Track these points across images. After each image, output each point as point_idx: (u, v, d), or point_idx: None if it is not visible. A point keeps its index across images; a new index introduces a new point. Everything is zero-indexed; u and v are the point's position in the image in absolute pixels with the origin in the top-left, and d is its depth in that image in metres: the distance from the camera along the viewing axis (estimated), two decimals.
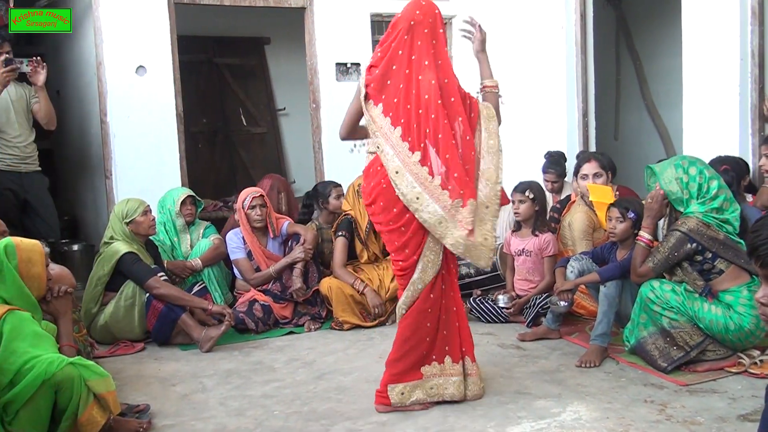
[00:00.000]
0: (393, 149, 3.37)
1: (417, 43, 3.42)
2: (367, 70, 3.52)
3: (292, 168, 9.27)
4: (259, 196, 5.35)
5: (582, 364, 4.04)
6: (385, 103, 3.42)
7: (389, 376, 3.52)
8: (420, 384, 3.52)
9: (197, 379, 4.15)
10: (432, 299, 3.50)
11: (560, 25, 6.59)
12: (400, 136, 3.37)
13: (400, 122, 3.37)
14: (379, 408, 3.53)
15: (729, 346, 3.83)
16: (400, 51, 3.42)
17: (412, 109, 3.37)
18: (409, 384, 3.51)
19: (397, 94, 3.40)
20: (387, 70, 3.44)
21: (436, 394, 3.54)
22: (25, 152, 5.55)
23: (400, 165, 3.35)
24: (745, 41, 5.06)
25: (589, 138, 6.65)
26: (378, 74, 3.45)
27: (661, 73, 8.27)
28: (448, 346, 3.57)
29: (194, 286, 5.31)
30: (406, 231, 3.44)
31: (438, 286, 3.51)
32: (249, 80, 9.22)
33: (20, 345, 2.95)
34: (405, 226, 3.44)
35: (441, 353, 3.55)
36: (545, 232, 5.08)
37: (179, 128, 6.17)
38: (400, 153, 3.36)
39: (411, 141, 3.36)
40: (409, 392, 3.51)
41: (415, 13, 3.46)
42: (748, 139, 5.12)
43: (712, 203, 3.86)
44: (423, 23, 3.44)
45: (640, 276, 3.96)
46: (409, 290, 3.48)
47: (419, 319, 3.49)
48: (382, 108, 3.42)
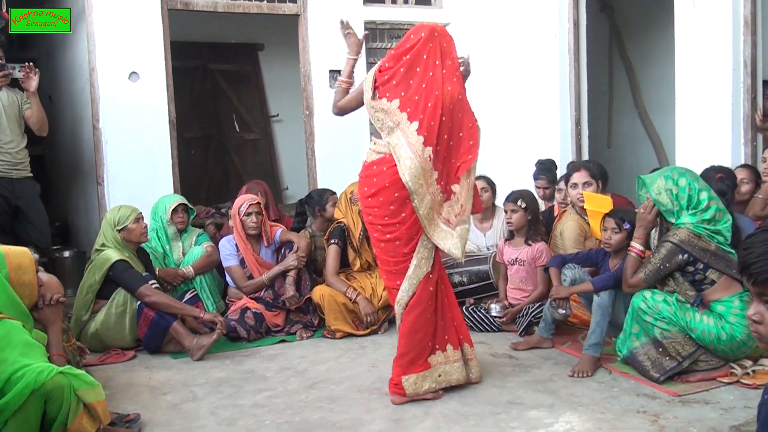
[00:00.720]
0: (406, 140, 3.64)
1: (438, 52, 3.72)
2: (381, 72, 3.75)
3: (285, 174, 9.26)
4: (256, 203, 5.33)
5: (575, 374, 4.04)
6: (403, 99, 3.68)
7: (401, 368, 3.74)
8: (429, 373, 3.76)
9: (188, 387, 4.12)
10: (430, 292, 3.78)
11: (553, 33, 6.61)
12: (416, 130, 3.64)
13: (419, 117, 3.64)
14: (394, 399, 3.73)
15: (721, 357, 3.83)
16: (425, 56, 3.71)
17: (432, 109, 3.64)
18: (420, 374, 3.74)
19: (418, 92, 3.67)
20: (409, 70, 3.71)
21: (444, 380, 3.81)
22: (17, 158, 5.52)
23: (413, 156, 3.62)
24: (738, 51, 5.09)
25: (581, 145, 6.67)
26: (402, 72, 3.70)
27: (654, 80, 8.30)
28: (447, 335, 3.86)
29: (186, 293, 5.28)
30: (401, 226, 3.73)
31: (434, 279, 3.80)
32: (242, 86, 9.22)
33: (10, 354, 2.92)
34: (400, 223, 3.73)
35: (443, 342, 3.84)
36: (538, 241, 5.08)
37: (172, 134, 6.15)
38: (412, 145, 3.63)
39: (426, 137, 3.63)
40: (421, 382, 3.74)
41: (437, 27, 3.81)
42: (740, 148, 5.14)
43: (704, 214, 3.87)
44: (444, 37, 3.79)
45: (631, 287, 3.96)
46: (405, 285, 3.74)
47: (421, 312, 3.75)
48: (398, 103, 3.68)
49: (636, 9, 8.47)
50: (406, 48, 3.73)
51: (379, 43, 7.05)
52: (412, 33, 3.78)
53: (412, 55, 3.70)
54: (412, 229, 3.72)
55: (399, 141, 3.65)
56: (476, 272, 5.41)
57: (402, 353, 3.76)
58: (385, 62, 3.79)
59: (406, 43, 3.75)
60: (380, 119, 3.72)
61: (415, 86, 3.68)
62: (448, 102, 3.67)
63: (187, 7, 6.24)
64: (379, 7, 7.00)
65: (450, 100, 3.68)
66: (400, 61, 3.72)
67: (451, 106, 3.69)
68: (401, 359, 3.75)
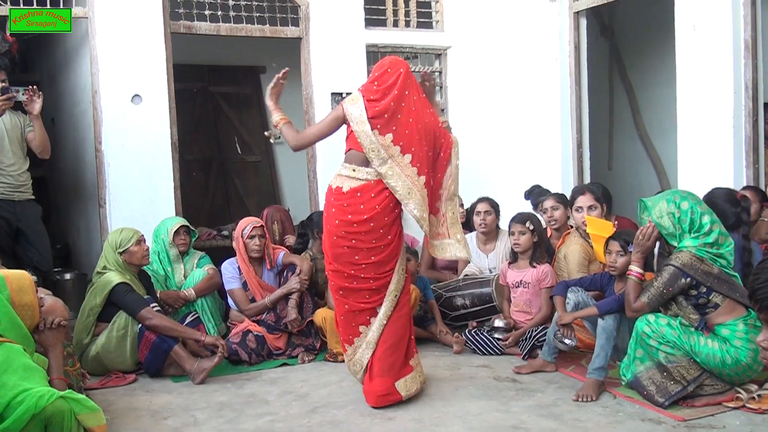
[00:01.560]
0: (402, 172, 3.94)
1: (414, 87, 4.07)
2: (371, 102, 3.97)
3: (286, 196, 9.25)
4: (260, 226, 5.34)
5: (579, 398, 4.00)
6: (395, 134, 3.95)
7: (392, 378, 3.99)
8: (413, 376, 4.10)
9: (189, 412, 4.09)
10: (405, 301, 4.13)
11: (554, 57, 6.65)
12: (410, 162, 3.95)
13: (411, 150, 3.96)
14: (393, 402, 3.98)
15: (726, 381, 3.81)
16: (407, 91, 4.01)
17: (419, 141, 3.98)
18: (409, 377, 4.07)
19: (407, 126, 3.97)
20: (398, 107, 3.98)
21: (421, 381, 4.18)
22: (19, 181, 5.52)
23: (411, 186, 3.95)
24: (739, 74, 5.11)
25: (583, 168, 6.68)
26: (392, 107, 3.96)
27: (654, 103, 8.33)
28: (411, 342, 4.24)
29: (187, 316, 5.26)
30: (386, 248, 4.00)
31: (408, 288, 4.16)
32: (244, 108, 9.24)
33: (10, 378, 2.90)
34: (386, 245, 4.00)
35: (413, 347, 4.21)
36: (543, 263, 5.06)
37: (174, 157, 6.15)
38: (410, 176, 3.95)
39: (419, 167, 3.97)
40: (410, 384, 4.06)
41: (406, 62, 4.17)
42: (742, 171, 5.14)
43: (707, 238, 3.86)
44: (411, 71, 4.11)
45: (634, 311, 3.94)
46: (387, 301, 4.02)
47: (401, 322, 4.08)
48: (392, 137, 3.94)
49: (636, 32, 8.52)
50: (390, 83, 3.99)
51: None
52: (388, 67, 4.04)
53: (398, 90, 3.97)
54: (397, 247, 4.05)
55: (393, 172, 3.93)
56: (479, 295, 5.39)
57: (391, 362, 4.00)
58: (370, 94, 3.99)
59: (388, 78, 4.00)
60: (375, 149, 3.93)
61: (404, 121, 3.96)
62: (431, 134, 4.04)
63: (190, 30, 6.27)
64: (380, 31, 7.03)
65: (432, 130, 4.05)
66: (388, 96, 3.96)
67: (431, 136, 4.04)
68: (390, 369, 3.99)
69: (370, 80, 4.10)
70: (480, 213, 5.74)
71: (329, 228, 4.06)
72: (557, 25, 6.62)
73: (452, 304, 5.48)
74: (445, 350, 5.19)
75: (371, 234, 3.96)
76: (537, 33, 6.82)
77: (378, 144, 3.92)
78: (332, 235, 4.04)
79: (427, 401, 4.10)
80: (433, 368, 4.73)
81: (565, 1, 6.60)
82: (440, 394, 4.22)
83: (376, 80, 4.04)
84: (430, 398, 4.14)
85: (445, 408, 3.97)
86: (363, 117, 3.94)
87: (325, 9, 6.67)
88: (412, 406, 4.01)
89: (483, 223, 5.72)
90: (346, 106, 4.02)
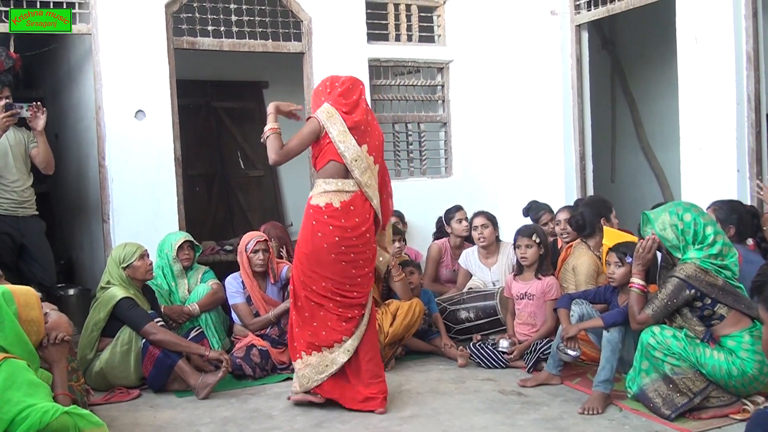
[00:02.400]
0: (375, 181, 4.22)
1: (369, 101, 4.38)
2: (346, 114, 4.16)
3: (289, 211, 9.26)
4: (263, 240, 5.34)
5: (585, 411, 3.99)
6: (369, 145, 4.21)
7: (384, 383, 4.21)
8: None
9: (193, 427, 4.07)
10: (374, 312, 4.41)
11: (556, 70, 6.67)
12: (379, 172, 4.27)
13: (379, 161, 4.28)
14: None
15: (733, 392, 3.79)
16: (365, 105, 4.29)
17: (381, 152, 4.33)
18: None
19: (374, 138, 4.26)
20: (366, 118, 4.24)
21: None
22: (23, 197, 5.53)
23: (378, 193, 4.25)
24: (741, 86, 5.12)
25: (586, 180, 6.69)
26: (365, 120, 4.22)
27: (657, 115, 8.35)
28: None
29: (191, 331, 5.24)
30: (370, 252, 4.21)
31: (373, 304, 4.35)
32: (247, 123, 9.25)
33: (15, 394, 2.90)
34: (370, 250, 4.22)
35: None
36: (548, 275, 5.05)
37: (177, 172, 6.16)
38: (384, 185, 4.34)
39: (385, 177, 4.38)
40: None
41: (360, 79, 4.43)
42: (746, 183, 5.13)
43: (711, 249, 3.85)
44: None
45: (639, 323, 3.94)
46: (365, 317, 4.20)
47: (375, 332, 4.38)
48: (367, 148, 4.19)
49: (638, 45, 8.55)
50: (355, 98, 4.23)
51: (383, 80, 7.09)
52: (349, 83, 4.26)
53: (365, 104, 4.27)
54: (373, 249, 4.25)
55: (372, 182, 4.19)
56: (483, 308, 5.39)
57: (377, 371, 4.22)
58: (342, 107, 4.17)
59: (352, 93, 4.24)
60: (359, 159, 4.12)
61: (371, 134, 4.24)
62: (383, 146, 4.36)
63: (193, 46, 6.29)
64: (383, 45, 7.04)
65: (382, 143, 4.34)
66: (358, 108, 4.21)
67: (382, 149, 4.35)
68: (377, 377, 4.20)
69: (337, 94, 4.20)
70: (477, 227, 5.74)
71: (325, 247, 4.07)
72: (559, 38, 6.64)
73: (456, 318, 5.47)
74: (449, 364, 5.17)
75: (368, 243, 4.16)
76: (539, 46, 6.85)
77: (363, 154, 4.13)
78: (328, 254, 4.07)
79: (432, 415, 4.08)
80: (438, 382, 4.71)
81: (566, 15, 6.63)
82: (446, 407, 4.20)
83: (341, 95, 4.20)
84: (436, 412, 4.13)
85: (450, 422, 3.96)
86: (344, 128, 4.11)
87: (328, 24, 6.69)
88: (417, 420, 4.00)
89: (481, 237, 5.71)
90: (323, 120, 4.13)
